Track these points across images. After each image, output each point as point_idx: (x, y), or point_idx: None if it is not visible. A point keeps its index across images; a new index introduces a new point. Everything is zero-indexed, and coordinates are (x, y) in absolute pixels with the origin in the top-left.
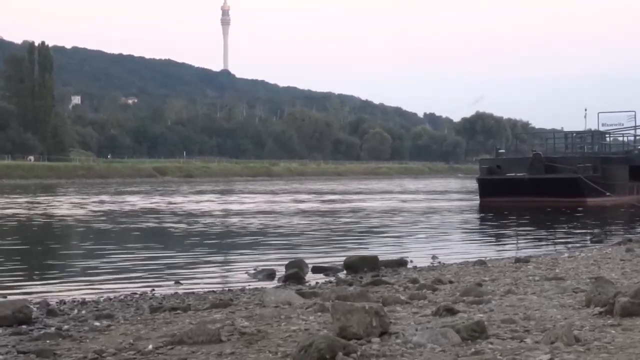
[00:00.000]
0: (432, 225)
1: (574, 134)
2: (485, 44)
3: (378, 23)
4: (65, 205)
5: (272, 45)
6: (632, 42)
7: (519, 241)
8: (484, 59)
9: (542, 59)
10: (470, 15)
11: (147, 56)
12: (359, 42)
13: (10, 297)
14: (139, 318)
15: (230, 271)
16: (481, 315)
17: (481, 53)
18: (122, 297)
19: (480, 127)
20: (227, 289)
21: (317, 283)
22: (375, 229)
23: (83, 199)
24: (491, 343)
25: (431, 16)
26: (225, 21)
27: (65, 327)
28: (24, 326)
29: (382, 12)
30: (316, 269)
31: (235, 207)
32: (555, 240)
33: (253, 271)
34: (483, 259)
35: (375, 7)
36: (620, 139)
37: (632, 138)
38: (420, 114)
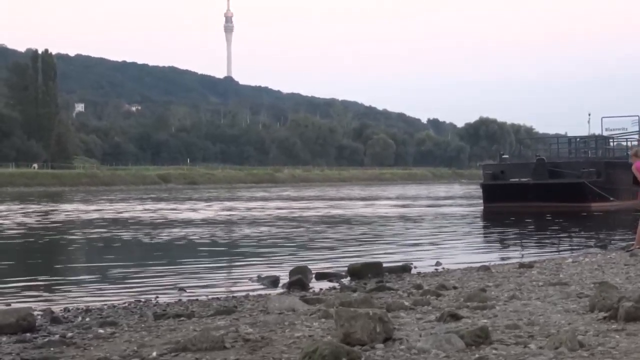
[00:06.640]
0: (436, 231)
1: (578, 139)
2: (489, 49)
3: (380, 29)
4: (69, 213)
5: (276, 51)
6: (636, 46)
7: (523, 246)
8: (487, 64)
9: (545, 63)
10: (474, 20)
11: (151, 63)
12: (362, 48)
13: (14, 305)
14: (143, 325)
15: (234, 278)
16: (485, 320)
17: (484, 58)
18: (125, 304)
19: (484, 132)
20: (231, 295)
21: (321, 289)
22: (379, 235)
23: (87, 206)
24: (495, 349)
25: (434, 21)
26: (228, 28)
27: (70, 334)
28: (28, 334)
29: (385, 18)
30: (320, 276)
31: (238, 213)
32: (559, 245)
33: (257, 278)
34: (487, 264)
35: (377, 13)
36: (624, 143)
37: (635, 142)
38: (424, 120)
